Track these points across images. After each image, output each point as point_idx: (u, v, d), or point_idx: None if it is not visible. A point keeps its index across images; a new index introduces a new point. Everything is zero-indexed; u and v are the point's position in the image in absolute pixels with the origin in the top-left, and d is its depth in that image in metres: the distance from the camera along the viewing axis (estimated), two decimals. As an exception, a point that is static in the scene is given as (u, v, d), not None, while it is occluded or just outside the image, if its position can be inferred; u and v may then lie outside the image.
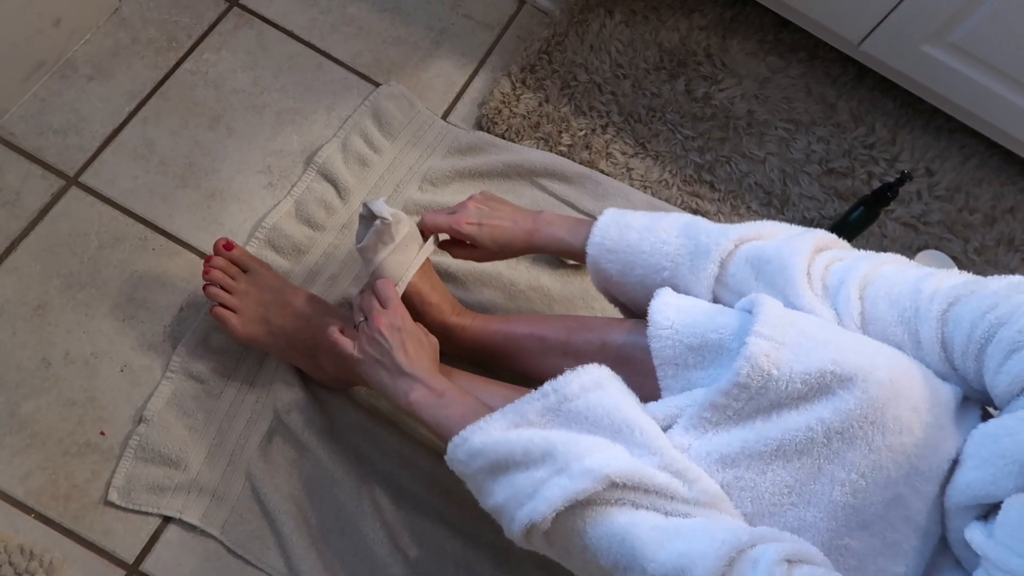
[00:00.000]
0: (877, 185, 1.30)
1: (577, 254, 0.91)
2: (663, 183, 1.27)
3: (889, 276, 0.74)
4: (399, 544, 1.00)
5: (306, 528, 0.99)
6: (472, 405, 0.79)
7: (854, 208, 1.16)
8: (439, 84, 1.31)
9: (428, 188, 1.22)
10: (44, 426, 1.01)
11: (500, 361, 0.99)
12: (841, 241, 0.81)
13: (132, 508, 0.98)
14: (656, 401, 0.74)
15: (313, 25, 1.30)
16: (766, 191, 1.29)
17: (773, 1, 1.30)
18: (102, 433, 1.02)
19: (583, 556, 0.67)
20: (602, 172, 1.26)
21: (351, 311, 1.09)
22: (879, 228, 1.29)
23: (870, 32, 1.23)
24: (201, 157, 1.18)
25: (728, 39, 1.39)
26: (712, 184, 1.28)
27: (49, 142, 1.15)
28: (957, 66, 1.20)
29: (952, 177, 1.34)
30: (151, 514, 0.99)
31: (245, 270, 1.01)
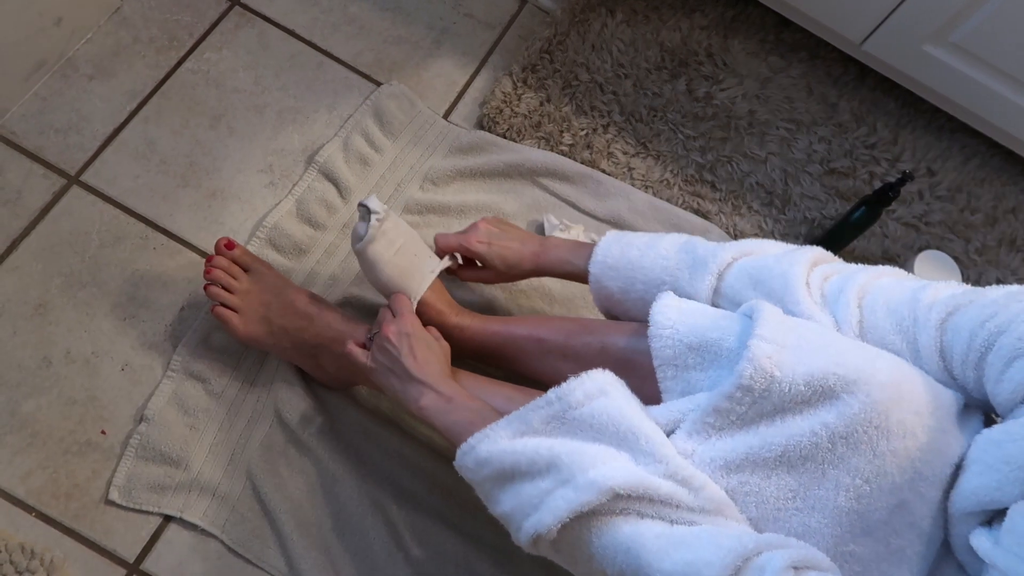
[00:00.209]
0: (879, 185, 1.30)
1: (581, 274, 0.94)
2: (664, 183, 1.27)
3: (887, 286, 0.74)
4: (400, 544, 1.00)
5: (307, 527, 0.99)
6: (480, 410, 0.79)
7: (855, 208, 1.16)
8: (440, 83, 1.30)
9: (429, 187, 1.22)
10: (45, 425, 1.01)
11: (499, 362, 0.99)
12: (836, 257, 0.83)
13: (133, 507, 0.98)
14: (658, 405, 0.74)
15: (314, 24, 1.30)
16: (767, 191, 1.29)
17: (774, 1, 1.30)
18: (103, 432, 1.02)
19: (589, 565, 0.67)
20: (603, 172, 1.26)
21: (352, 311, 1.09)
22: (880, 228, 1.29)
23: (872, 32, 1.22)
24: (202, 156, 1.18)
25: (729, 39, 1.39)
26: (713, 184, 1.28)
27: (50, 141, 1.15)
28: (959, 66, 1.20)
29: (954, 177, 1.34)
30: (152, 513, 0.99)
31: (246, 270, 1.01)
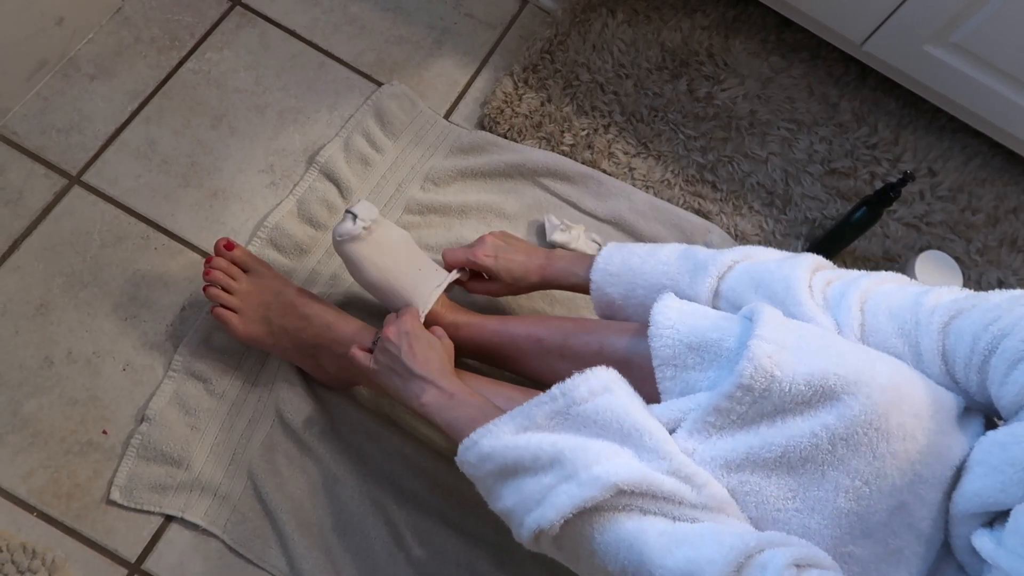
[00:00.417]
0: (879, 185, 1.30)
1: (586, 286, 0.95)
2: (665, 183, 1.27)
3: (890, 291, 0.75)
4: (401, 543, 1.00)
5: (308, 527, 0.99)
6: (482, 407, 0.79)
7: (856, 208, 1.16)
8: (441, 83, 1.31)
9: (430, 187, 1.22)
10: (46, 425, 1.01)
11: (496, 362, 0.99)
12: (834, 265, 0.84)
13: (134, 507, 0.98)
14: (658, 404, 0.74)
15: (315, 24, 1.30)
16: (768, 191, 1.29)
17: (775, 1, 1.30)
18: (104, 432, 1.02)
19: (591, 561, 0.67)
20: (604, 172, 1.26)
21: (353, 311, 1.09)
22: (881, 228, 1.29)
23: (873, 32, 1.22)
24: (203, 156, 1.18)
25: (730, 39, 1.39)
26: (714, 184, 1.28)
27: (52, 141, 1.15)
28: (960, 66, 1.20)
29: (955, 177, 1.34)
30: (153, 513, 0.99)
31: (246, 270, 1.01)
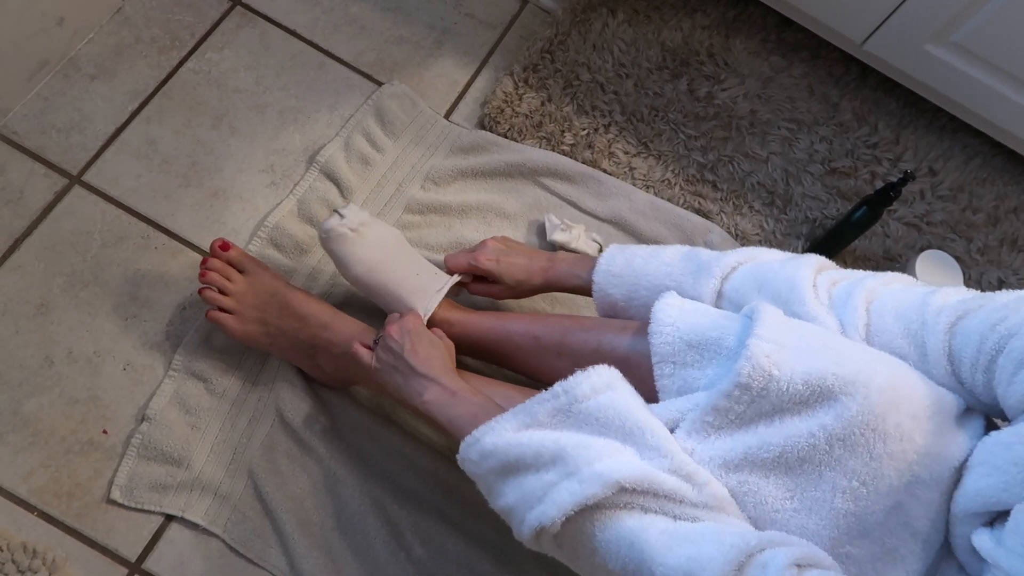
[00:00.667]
0: (880, 185, 1.30)
1: (588, 286, 0.95)
2: (665, 182, 1.27)
3: (896, 292, 0.75)
4: (401, 543, 1.00)
5: (308, 527, 0.99)
6: (484, 405, 0.79)
7: (857, 208, 1.16)
8: (442, 83, 1.31)
9: (431, 187, 1.22)
10: (47, 424, 1.01)
11: (493, 359, 0.99)
12: (836, 265, 0.84)
13: (134, 506, 0.98)
14: (657, 404, 0.74)
15: (315, 24, 1.30)
16: (769, 191, 1.29)
17: (776, 0, 1.30)
18: (104, 431, 1.02)
19: (592, 559, 0.67)
20: (604, 171, 1.26)
21: (353, 310, 1.09)
22: (882, 228, 1.28)
23: (873, 31, 1.22)
24: (204, 156, 1.18)
25: (731, 38, 1.39)
26: (715, 184, 1.28)
27: (52, 141, 1.15)
28: (960, 66, 1.20)
29: (955, 177, 1.34)
30: (153, 512, 0.99)
31: (242, 271, 1.01)
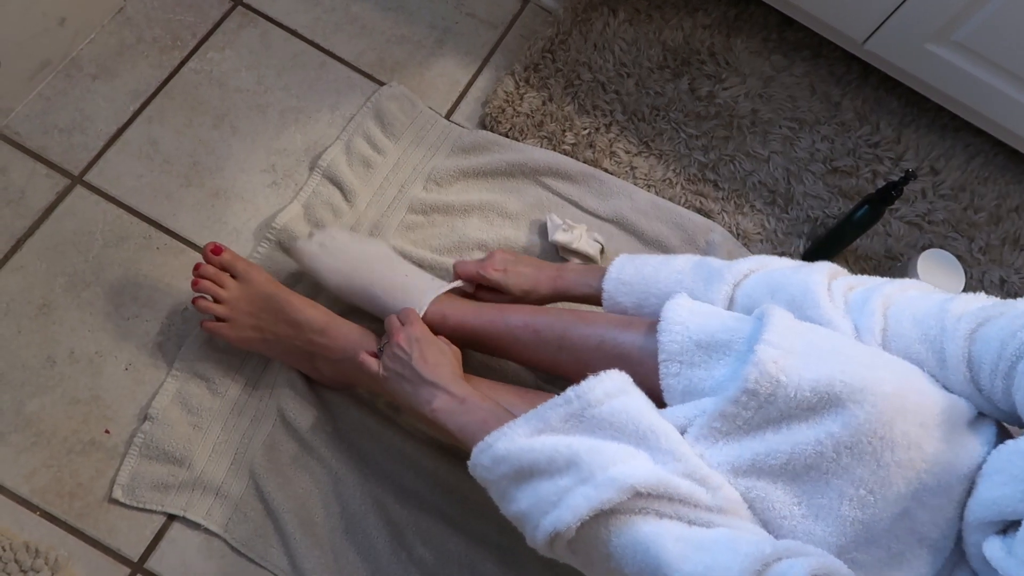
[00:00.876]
0: (882, 184, 1.30)
1: (597, 295, 0.94)
2: (667, 182, 1.27)
3: (914, 298, 0.75)
4: (402, 543, 1.00)
5: (309, 527, 0.99)
6: (494, 411, 0.79)
7: (858, 207, 1.16)
8: (443, 83, 1.31)
9: (432, 188, 1.22)
10: (49, 424, 1.01)
11: (491, 350, 0.98)
12: (848, 272, 0.84)
13: (136, 506, 0.99)
14: (664, 409, 0.74)
15: (317, 24, 1.30)
16: (770, 190, 1.29)
17: (777, 0, 1.30)
18: (107, 431, 1.02)
19: (606, 565, 0.66)
20: (606, 171, 1.26)
21: (355, 314, 1.09)
22: (883, 227, 1.28)
23: (874, 31, 1.22)
24: (205, 156, 1.18)
25: (732, 38, 1.39)
26: (716, 183, 1.28)
27: (54, 141, 1.15)
28: (962, 64, 1.20)
29: (957, 176, 1.34)
30: (155, 512, 0.99)
31: (235, 275, 1.00)
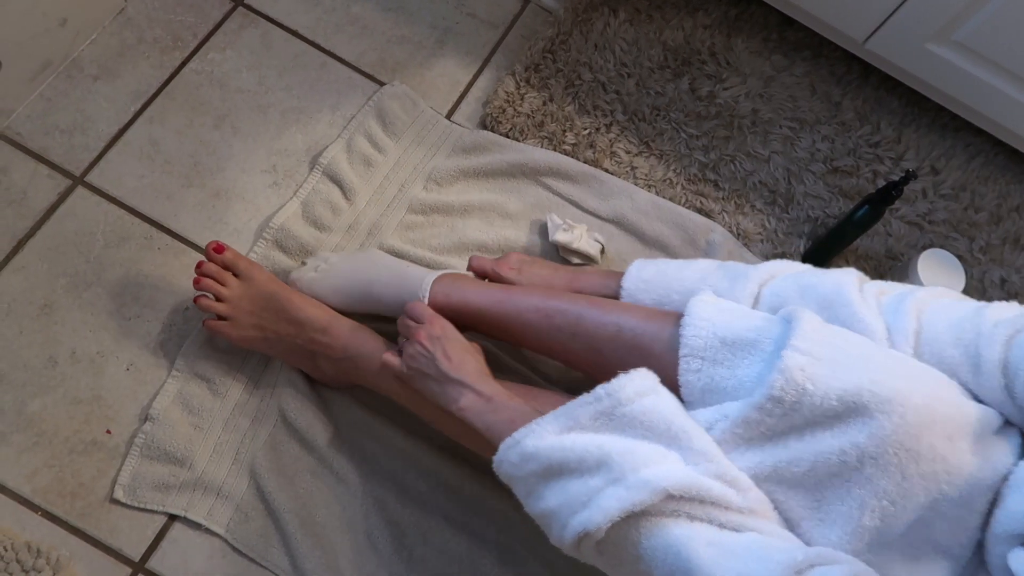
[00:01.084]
0: (882, 184, 1.30)
1: (616, 296, 0.94)
2: (667, 182, 1.27)
3: (948, 304, 0.74)
4: (404, 542, 1.00)
5: (310, 526, 1.00)
6: (521, 409, 0.78)
7: (859, 207, 1.16)
8: (443, 83, 1.31)
9: (433, 187, 1.22)
10: (51, 424, 1.02)
11: (498, 334, 0.96)
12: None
13: (138, 506, 0.99)
14: (687, 412, 0.73)
15: (317, 24, 1.30)
16: (771, 190, 1.29)
17: (777, 0, 1.30)
18: (108, 431, 1.02)
19: (635, 566, 0.66)
20: (606, 171, 1.26)
21: (356, 314, 1.09)
22: (884, 227, 1.28)
23: (875, 30, 1.22)
24: (206, 156, 1.19)
25: (732, 38, 1.39)
26: (716, 183, 1.28)
27: (55, 142, 1.15)
28: (962, 64, 1.20)
29: (957, 175, 1.34)
30: (157, 512, 0.99)
31: (237, 274, 1.00)
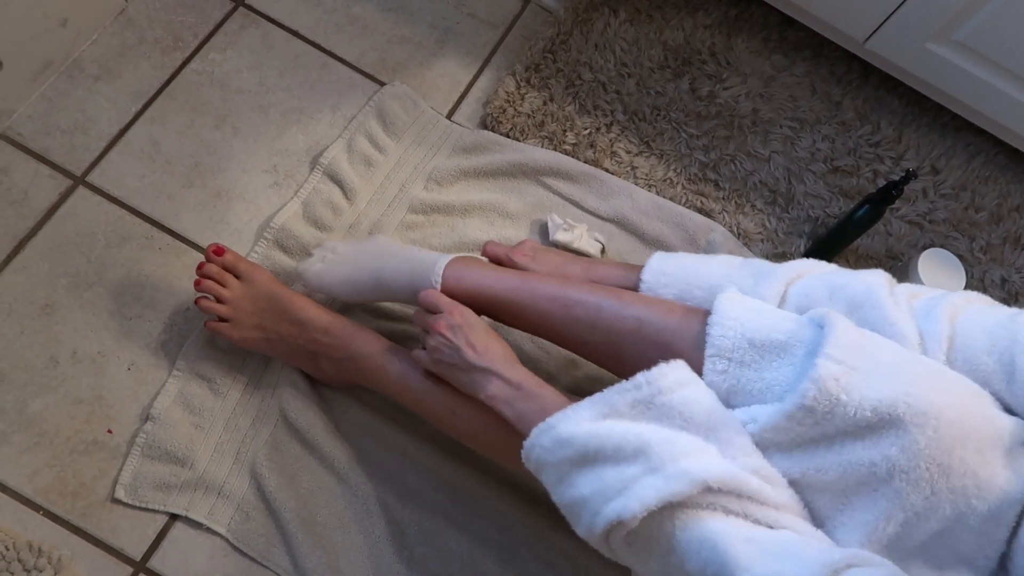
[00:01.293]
0: (882, 183, 1.30)
1: (633, 288, 0.92)
2: (667, 182, 1.27)
3: (981, 310, 0.73)
4: (404, 542, 1.00)
5: (311, 526, 1.00)
6: (551, 398, 0.77)
7: (859, 206, 1.16)
8: (444, 83, 1.31)
9: (433, 187, 1.22)
10: (52, 424, 1.02)
11: (512, 321, 0.93)
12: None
13: (139, 505, 0.99)
14: None
15: (318, 25, 1.31)
16: (771, 189, 1.29)
17: (778, -1, 1.30)
18: (109, 431, 1.02)
19: (667, 558, 0.65)
20: (606, 171, 1.26)
21: (359, 314, 1.09)
22: (884, 227, 1.28)
23: (875, 30, 1.22)
24: (207, 157, 1.19)
25: (733, 37, 1.39)
26: (717, 183, 1.28)
27: (56, 142, 1.16)
28: (962, 64, 1.20)
29: (958, 175, 1.34)
30: (158, 511, 0.99)
31: (238, 275, 1.00)
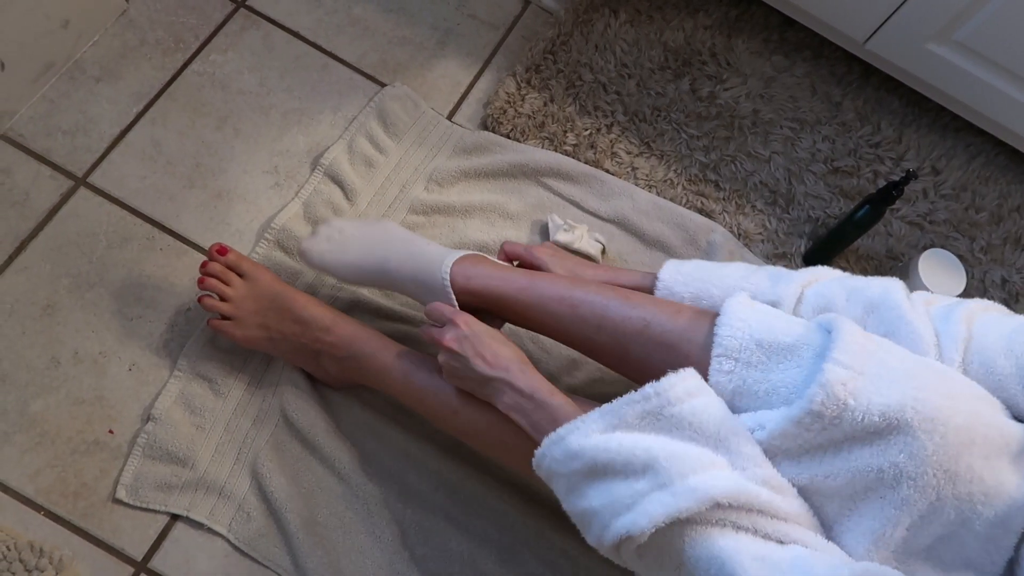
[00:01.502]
0: (883, 184, 1.30)
1: (648, 288, 0.92)
2: (668, 182, 1.27)
3: (998, 317, 0.74)
4: (405, 542, 1.00)
5: (312, 526, 1.00)
6: (564, 407, 0.76)
7: (859, 207, 1.16)
8: (444, 84, 1.31)
9: (434, 188, 1.22)
10: (53, 424, 1.02)
11: (520, 321, 0.93)
12: None
13: (140, 506, 0.99)
14: None
15: (319, 26, 1.31)
16: (771, 190, 1.29)
17: (778, 0, 1.30)
18: (110, 431, 1.02)
19: (676, 573, 0.65)
20: (607, 171, 1.26)
21: (360, 314, 1.09)
22: (885, 227, 1.29)
23: (875, 31, 1.22)
24: (208, 157, 1.19)
25: (733, 38, 1.39)
26: (717, 183, 1.28)
27: (58, 143, 1.16)
28: (963, 64, 1.20)
29: (958, 176, 1.34)
30: (159, 512, 0.99)
31: (241, 274, 1.00)
